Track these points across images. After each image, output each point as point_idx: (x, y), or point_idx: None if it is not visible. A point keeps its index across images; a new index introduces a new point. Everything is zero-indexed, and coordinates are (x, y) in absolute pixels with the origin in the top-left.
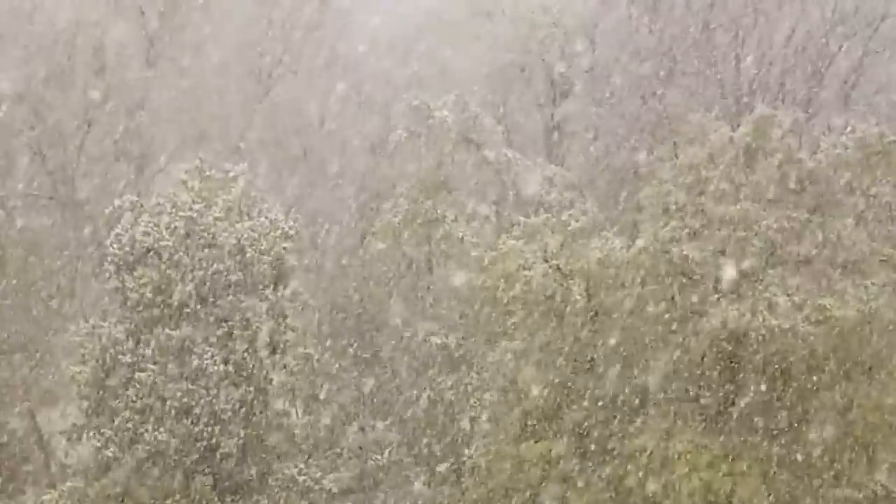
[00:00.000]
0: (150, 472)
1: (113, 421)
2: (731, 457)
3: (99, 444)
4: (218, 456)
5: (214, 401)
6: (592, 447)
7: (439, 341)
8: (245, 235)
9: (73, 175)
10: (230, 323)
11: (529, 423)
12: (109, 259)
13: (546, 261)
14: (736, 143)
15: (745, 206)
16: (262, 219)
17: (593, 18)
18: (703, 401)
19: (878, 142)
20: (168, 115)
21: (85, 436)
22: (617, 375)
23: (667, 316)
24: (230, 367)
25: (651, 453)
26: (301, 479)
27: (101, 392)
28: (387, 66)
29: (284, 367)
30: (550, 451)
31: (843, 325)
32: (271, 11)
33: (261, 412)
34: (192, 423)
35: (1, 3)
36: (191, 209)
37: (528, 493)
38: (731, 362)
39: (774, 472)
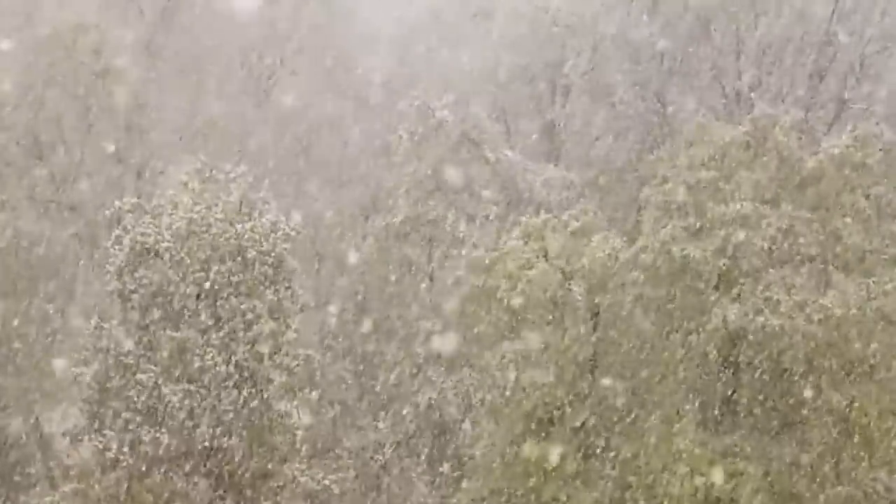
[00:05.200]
0: (152, 473)
1: (114, 422)
2: (732, 456)
3: (100, 446)
4: (220, 457)
5: (216, 402)
6: (594, 447)
7: (440, 342)
8: (246, 236)
9: (73, 177)
10: (231, 324)
11: (531, 423)
12: (110, 260)
13: (547, 261)
14: (736, 142)
15: (745, 206)
16: (263, 220)
17: (594, 18)
18: (704, 400)
19: (878, 141)
20: (169, 117)
21: (86, 437)
22: (618, 375)
23: (668, 315)
24: (231, 368)
25: (652, 453)
26: (303, 479)
27: (102, 393)
28: (387, 67)
29: (285, 367)
30: (552, 451)
31: (844, 324)
32: (272, 12)
33: (262, 413)
34: (193, 424)
35: (1, 4)
36: (191, 210)
37: (529, 494)
38: (733, 361)
39: (775, 471)
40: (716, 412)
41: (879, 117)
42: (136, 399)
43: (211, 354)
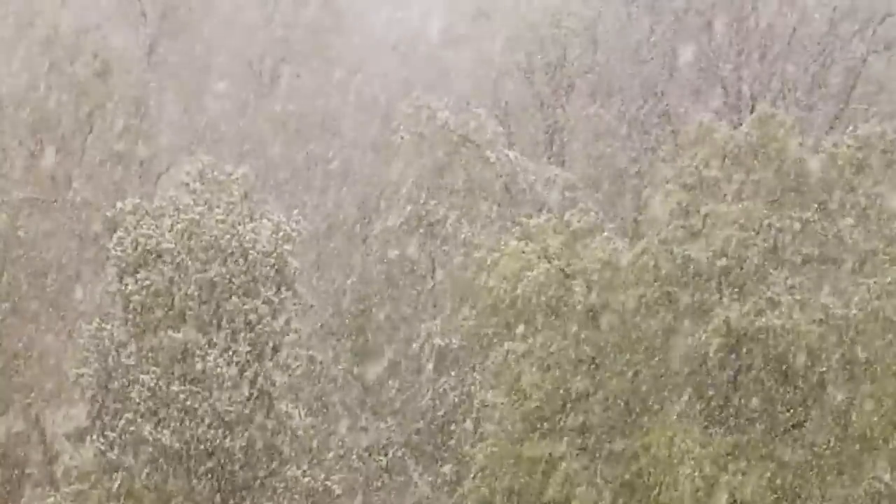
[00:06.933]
0: (154, 474)
1: (116, 423)
2: (734, 455)
3: (102, 447)
4: (221, 458)
5: (217, 403)
6: (596, 447)
7: (442, 342)
8: (247, 237)
9: (75, 178)
10: (233, 325)
11: (532, 423)
12: (112, 261)
13: (548, 261)
14: (738, 141)
15: (747, 206)
16: (265, 220)
17: (594, 18)
18: (706, 400)
19: (879, 141)
20: (170, 118)
21: (88, 438)
22: (620, 375)
23: (669, 316)
24: (233, 369)
25: (655, 452)
26: (305, 480)
27: (104, 394)
28: (388, 67)
29: (287, 368)
30: (554, 451)
31: (845, 325)
32: (273, 13)
33: (264, 414)
34: (195, 425)
35: (2, 7)
36: (193, 211)
37: (531, 494)
38: (735, 361)
39: (778, 471)
40: (718, 412)
41: (881, 117)
42: (137, 400)
43: (212, 355)
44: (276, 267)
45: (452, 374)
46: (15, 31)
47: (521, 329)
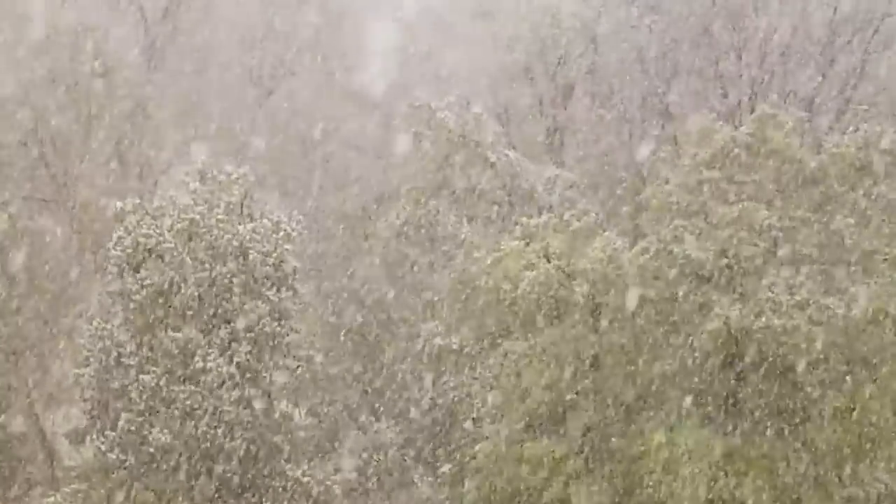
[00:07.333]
0: (154, 474)
1: (116, 423)
2: (735, 456)
3: (102, 447)
4: (221, 458)
5: (218, 402)
6: (596, 447)
7: (442, 342)
8: (247, 237)
9: (75, 178)
10: (233, 324)
11: (533, 423)
12: (112, 261)
13: (549, 261)
14: (738, 142)
15: (747, 206)
16: (265, 220)
17: (595, 18)
18: (706, 400)
19: (879, 141)
20: (170, 118)
21: (88, 438)
22: (620, 375)
23: (670, 316)
24: (233, 369)
25: (655, 453)
26: (305, 479)
27: (104, 394)
28: (388, 67)
29: (287, 368)
30: (554, 451)
31: (845, 324)
32: (272, 14)
33: (264, 413)
34: (195, 424)
35: (1, 6)
36: (193, 211)
37: (531, 494)
38: (735, 362)
39: (779, 471)
40: (718, 412)
41: (881, 117)
42: (138, 400)
43: (213, 355)
44: (275, 266)
45: (452, 374)
46: (15, 31)
47: (521, 329)
